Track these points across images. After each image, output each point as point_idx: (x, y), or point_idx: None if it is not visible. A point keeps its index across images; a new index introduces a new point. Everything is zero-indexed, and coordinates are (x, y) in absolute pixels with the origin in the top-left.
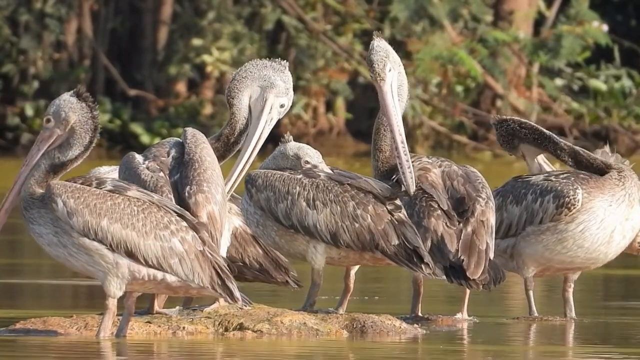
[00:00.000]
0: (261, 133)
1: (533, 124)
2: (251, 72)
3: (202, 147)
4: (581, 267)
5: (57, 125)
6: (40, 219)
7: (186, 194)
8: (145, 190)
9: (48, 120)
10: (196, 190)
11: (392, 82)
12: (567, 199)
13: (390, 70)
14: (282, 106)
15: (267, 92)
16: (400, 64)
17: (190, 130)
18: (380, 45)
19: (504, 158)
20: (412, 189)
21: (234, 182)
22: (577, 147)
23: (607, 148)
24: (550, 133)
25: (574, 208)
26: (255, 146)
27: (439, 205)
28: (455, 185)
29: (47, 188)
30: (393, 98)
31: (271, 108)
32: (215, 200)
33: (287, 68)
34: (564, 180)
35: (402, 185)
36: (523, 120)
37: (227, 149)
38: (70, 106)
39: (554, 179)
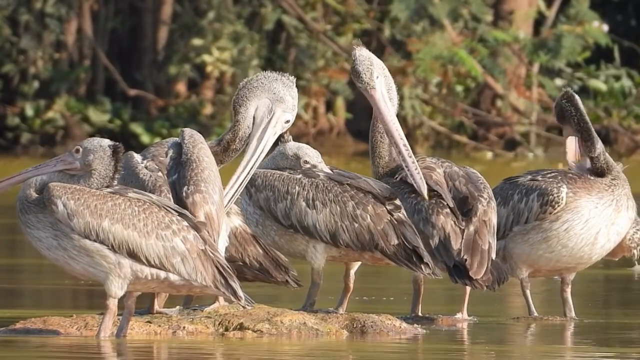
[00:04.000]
0: (264, 146)
1: (587, 120)
2: (262, 84)
3: (199, 147)
4: (568, 268)
5: (80, 161)
6: (39, 224)
7: (184, 193)
8: (144, 192)
9: (77, 151)
10: (194, 190)
11: (381, 89)
12: (551, 196)
13: (377, 77)
14: (287, 122)
15: (276, 105)
16: (384, 67)
17: (187, 131)
18: (363, 54)
19: (504, 158)
20: (425, 190)
21: (234, 193)
22: (604, 152)
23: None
24: (594, 134)
25: (558, 206)
26: (257, 158)
27: (447, 203)
28: (457, 185)
29: (46, 190)
30: (386, 104)
31: (276, 122)
32: (212, 200)
33: (295, 84)
34: (550, 179)
35: (407, 184)
36: (582, 110)
37: (226, 155)
38: (101, 155)
39: (540, 179)
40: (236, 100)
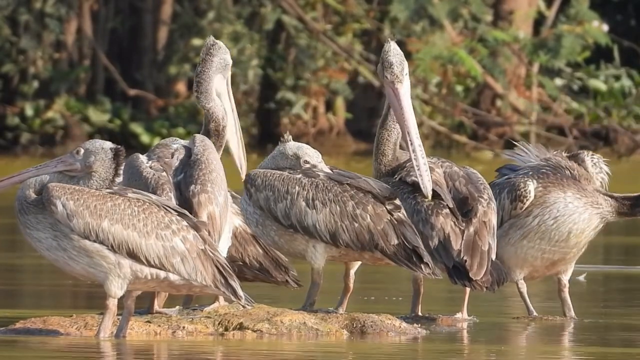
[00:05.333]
0: (232, 102)
1: None
2: (207, 70)
3: (209, 151)
4: (559, 260)
5: (81, 162)
6: (38, 225)
7: (190, 192)
8: (143, 192)
9: (78, 152)
10: (200, 190)
11: (407, 86)
12: (518, 191)
13: (406, 74)
14: (226, 65)
15: (225, 72)
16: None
17: (199, 136)
18: (397, 48)
19: (503, 158)
20: (430, 191)
21: (239, 146)
22: None
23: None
24: None
25: (526, 200)
26: (235, 115)
27: (446, 204)
28: (457, 185)
29: (45, 190)
30: (408, 101)
31: (228, 79)
32: (217, 201)
33: (215, 43)
34: (520, 176)
35: (406, 185)
36: None
37: (221, 138)
38: (102, 158)
39: (512, 177)
40: (198, 98)
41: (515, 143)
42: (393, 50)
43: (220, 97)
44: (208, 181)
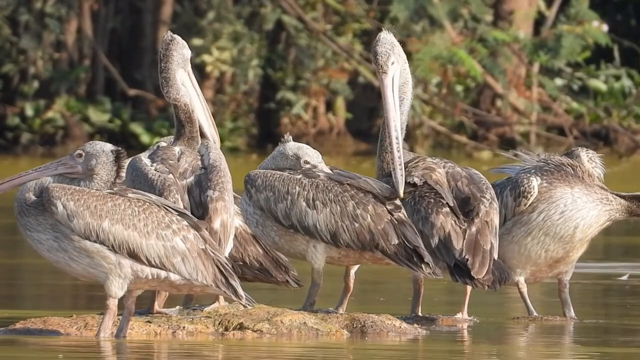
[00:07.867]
0: (198, 91)
1: None
2: (170, 63)
3: (225, 161)
4: (561, 257)
5: (83, 165)
6: (39, 226)
7: (208, 197)
8: (143, 192)
9: (80, 155)
10: (219, 197)
11: (394, 76)
12: (522, 187)
13: (393, 63)
14: (186, 59)
15: (186, 66)
16: (406, 61)
17: (212, 144)
18: (387, 38)
19: (503, 158)
20: (402, 188)
21: (209, 124)
22: None
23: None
24: None
25: (530, 196)
26: (202, 100)
27: (447, 203)
28: (459, 185)
29: (46, 191)
30: (393, 92)
31: (190, 72)
32: (229, 211)
33: (174, 38)
34: (522, 173)
35: (406, 185)
36: None
37: (193, 125)
38: (104, 160)
39: (514, 175)
40: (168, 93)
41: (506, 154)
42: (382, 40)
43: (185, 87)
44: (226, 190)
